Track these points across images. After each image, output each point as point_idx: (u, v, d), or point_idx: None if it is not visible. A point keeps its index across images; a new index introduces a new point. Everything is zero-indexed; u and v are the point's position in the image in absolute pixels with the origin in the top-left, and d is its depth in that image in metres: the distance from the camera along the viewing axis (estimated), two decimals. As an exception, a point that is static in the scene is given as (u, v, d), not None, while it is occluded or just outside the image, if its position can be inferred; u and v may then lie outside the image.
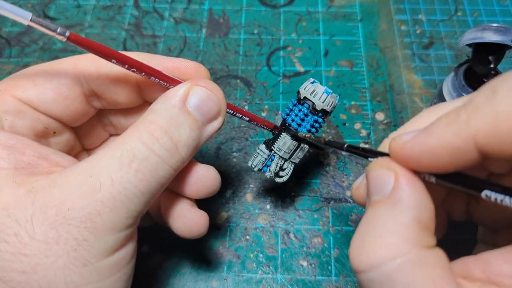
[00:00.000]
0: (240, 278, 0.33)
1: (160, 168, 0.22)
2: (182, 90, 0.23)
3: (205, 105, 0.23)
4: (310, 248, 0.35)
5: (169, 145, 0.22)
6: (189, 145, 0.23)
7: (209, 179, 0.27)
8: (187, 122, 0.23)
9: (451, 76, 0.36)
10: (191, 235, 0.26)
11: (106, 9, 0.50)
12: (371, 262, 0.17)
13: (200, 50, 0.46)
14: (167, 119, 0.22)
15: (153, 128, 0.22)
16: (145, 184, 0.21)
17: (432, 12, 0.50)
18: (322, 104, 0.29)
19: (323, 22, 0.49)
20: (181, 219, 0.26)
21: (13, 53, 0.46)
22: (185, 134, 0.22)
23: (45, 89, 0.24)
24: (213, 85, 0.24)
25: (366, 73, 0.45)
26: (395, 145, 0.19)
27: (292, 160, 0.31)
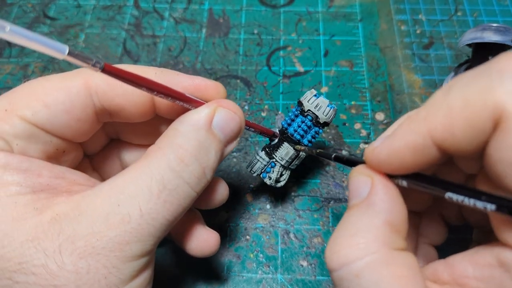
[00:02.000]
0: (240, 278, 0.33)
1: (188, 196, 0.22)
2: (208, 111, 0.23)
3: (229, 126, 0.24)
4: (310, 248, 0.35)
5: (199, 171, 0.22)
6: (214, 168, 0.23)
7: (220, 190, 0.27)
8: (214, 145, 0.23)
9: (451, 76, 0.36)
10: (202, 255, 0.27)
11: (106, 9, 0.50)
12: (342, 260, 0.18)
13: (200, 50, 0.46)
14: (195, 143, 0.22)
15: (182, 154, 0.21)
16: (172, 213, 0.21)
17: (432, 12, 0.50)
18: (325, 117, 0.31)
19: (323, 22, 0.49)
20: (193, 239, 0.27)
21: (13, 53, 0.46)
22: (212, 158, 0.23)
23: (57, 111, 0.22)
24: (235, 106, 0.24)
25: (366, 73, 0.45)
26: (367, 151, 0.20)
27: (290, 167, 0.33)
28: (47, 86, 0.22)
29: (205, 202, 0.28)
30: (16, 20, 0.48)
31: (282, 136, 0.32)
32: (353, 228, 0.19)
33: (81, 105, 0.23)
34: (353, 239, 0.18)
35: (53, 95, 0.22)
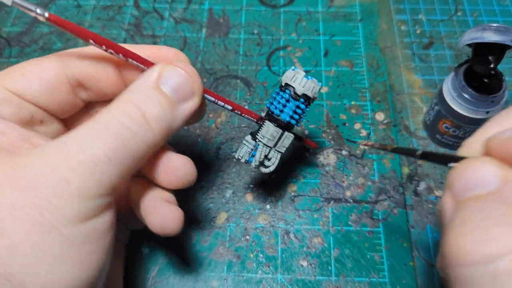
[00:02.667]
0: (240, 278, 0.33)
1: (130, 139, 0.22)
2: (156, 70, 0.24)
3: (177, 83, 0.24)
4: (310, 248, 0.35)
5: (140, 119, 0.22)
6: (161, 120, 0.23)
7: (182, 169, 0.26)
8: (159, 99, 0.23)
9: (451, 76, 0.36)
10: (163, 232, 0.26)
11: (106, 9, 0.50)
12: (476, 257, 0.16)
13: (200, 50, 0.46)
14: (139, 96, 0.23)
15: (125, 105, 0.22)
16: (115, 153, 0.21)
17: (432, 12, 0.50)
18: (303, 88, 0.29)
19: (323, 22, 0.49)
20: (154, 213, 0.26)
21: (13, 53, 0.46)
22: (156, 110, 0.23)
23: (31, 79, 0.25)
24: (187, 66, 0.25)
25: (366, 73, 0.45)
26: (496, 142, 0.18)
27: (278, 149, 0.30)
28: (26, 62, 0.26)
29: (167, 179, 0.27)
30: (16, 20, 0.48)
31: (265, 117, 0.31)
32: (485, 221, 0.16)
33: (54, 73, 0.25)
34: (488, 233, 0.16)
35: (29, 67, 0.25)
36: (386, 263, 0.34)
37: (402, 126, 0.41)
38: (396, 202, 0.37)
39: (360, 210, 0.36)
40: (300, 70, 0.30)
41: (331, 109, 0.42)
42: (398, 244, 0.35)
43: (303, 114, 0.30)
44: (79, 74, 0.26)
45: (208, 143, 0.40)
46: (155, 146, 0.24)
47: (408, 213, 0.36)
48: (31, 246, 0.19)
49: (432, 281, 0.33)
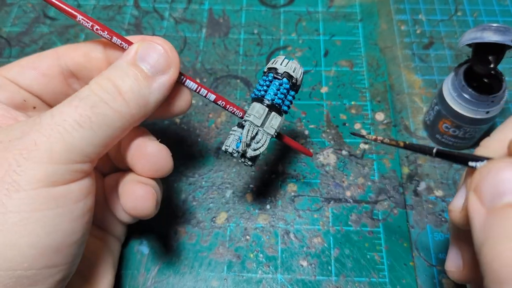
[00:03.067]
0: (240, 278, 0.33)
1: (103, 109, 0.23)
2: (133, 47, 0.25)
3: (151, 56, 0.25)
4: (310, 248, 0.35)
5: (111, 89, 0.23)
6: (135, 94, 0.24)
7: (156, 156, 0.27)
8: (133, 72, 0.24)
9: (451, 76, 0.36)
10: (136, 212, 0.26)
11: (106, 9, 0.50)
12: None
13: (200, 50, 0.46)
14: (116, 73, 0.24)
15: (102, 80, 0.24)
16: (86, 120, 0.22)
17: (432, 12, 0.50)
18: (284, 67, 0.28)
19: (323, 22, 0.49)
20: (127, 194, 0.26)
21: (13, 53, 0.46)
22: (129, 82, 0.24)
23: (26, 68, 0.27)
24: (162, 40, 0.25)
25: (366, 73, 0.45)
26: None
27: (266, 129, 0.28)
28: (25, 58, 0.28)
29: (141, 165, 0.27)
30: (16, 20, 0.48)
31: None
32: None
33: (48, 63, 0.27)
34: None
35: (27, 59, 0.28)
36: (386, 263, 0.34)
37: (402, 126, 0.41)
38: (396, 202, 0.37)
39: (360, 210, 0.36)
40: (282, 55, 0.29)
41: (331, 109, 0.42)
42: (398, 244, 0.35)
43: (289, 95, 0.29)
44: (72, 65, 0.28)
45: (208, 143, 0.40)
46: (132, 118, 0.24)
47: (408, 213, 0.36)
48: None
49: (432, 281, 0.33)
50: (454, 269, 0.22)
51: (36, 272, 0.21)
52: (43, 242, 0.21)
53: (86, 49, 0.28)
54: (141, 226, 0.35)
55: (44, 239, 0.21)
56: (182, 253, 0.35)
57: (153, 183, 0.27)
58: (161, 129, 0.41)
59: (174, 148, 0.40)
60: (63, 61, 0.27)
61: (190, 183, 0.38)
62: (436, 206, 0.37)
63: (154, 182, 0.28)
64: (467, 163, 0.19)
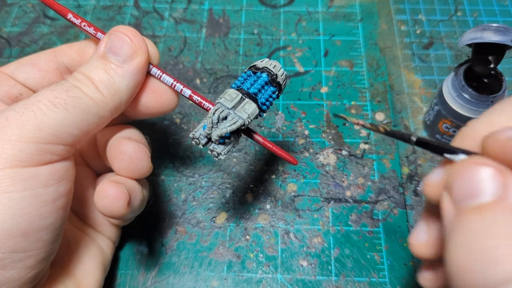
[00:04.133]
0: (240, 278, 0.33)
1: (75, 91, 0.24)
2: (102, 41, 0.26)
3: (116, 45, 0.25)
4: (310, 248, 0.35)
5: (84, 79, 0.24)
6: (105, 81, 0.25)
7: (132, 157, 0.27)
8: (101, 64, 0.25)
9: (451, 76, 0.36)
10: (106, 211, 0.26)
11: (106, 9, 0.50)
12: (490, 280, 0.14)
13: (200, 50, 0.46)
14: (88, 67, 0.25)
15: (77, 74, 0.25)
16: (59, 100, 0.23)
17: (432, 12, 0.50)
18: (263, 63, 0.28)
19: (323, 22, 0.49)
20: (98, 192, 0.26)
21: (13, 53, 0.46)
22: (99, 74, 0.25)
23: (24, 64, 0.28)
24: (127, 28, 0.26)
25: (366, 73, 0.45)
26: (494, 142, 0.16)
27: (238, 112, 0.25)
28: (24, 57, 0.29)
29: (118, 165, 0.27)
30: (16, 20, 0.49)
31: None
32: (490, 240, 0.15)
33: (45, 60, 0.29)
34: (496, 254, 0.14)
35: (26, 57, 0.29)
36: (386, 263, 0.34)
37: (402, 126, 0.41)
38: (396, 202, 0.37)
39: (360, 210, 0.36)
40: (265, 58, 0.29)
41: (331, 109, 0.42)
42: (398, 244, 0.35)
43: (268, 90, 0.27)
44: (67, 61, 0.29)
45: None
46: (107, 106, 0.25)
47: (408, 213, 0.36)
48: None
49: (432, 281, 0.33)
50: (417, 242, 0.22)
51: (3, 256, 0.21)
52: (8, 224, 0.20)
53: (81, 46, 0.29)
54: (141, 226, 0.35)
55: (9, 221, 0.21)
56: (182, 253, 0.35)
57: (131, 184, 0.27)
58: (161, 129, 0.41)
59: (174, 148, 0.40)
60: (59, 57, 0.29)
61: (190, 183, 0.38)
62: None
63: (133, 182, 0.27)
64: (443, 154, 0.19)
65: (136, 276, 0.34)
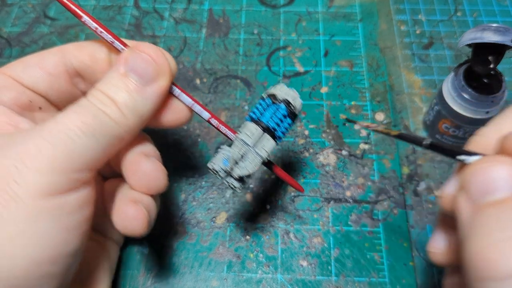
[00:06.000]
0: (240, 278, 0.33)
1: (104, 118, 0.23)
2: (123, 56, 0.25)
3: (139, 66, 0.24)
4: (310, 248, 0.35)
5: (108, 101, 0.23)
6: (128, 106, 0.24)
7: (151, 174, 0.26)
8: (124, 85, 0.24)
9: (451, 76, 0.36)
10: (125, 231, 0.26)
11: (106, 9, 0.50)
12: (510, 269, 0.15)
13: (200, 50, 0.46)
14: (109, 85, 0.24)
15: (98, 93, 0.24)
16: (88, 128, 0.22)
17: (432, 12, 0.50)
18: (284, 94, 0.27)
19: (323, 22, 0.49)
20: (117, 212, 0.26)
21: (14, 53, 0.46)
22: (122, 96, 0.24)
23: (31, 66, 0.27)
24: (152, 48, 0.25)
25: (366, 73, 0.45)
26: None
27: (258, 150, 0.26)
28: (32, 54, 0.27)
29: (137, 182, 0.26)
30: (17, 21, 0.49)
31: None
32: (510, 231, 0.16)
33: (53, 62, 0.27)
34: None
35: (30, 57, 0.27)
36: (386, 263, 0.34)
37: (402, 126, 0.41)
38: (396, 202, 0.37)
39: (360, 210, 0.36)
40: (282, 83, 0.28)
41: (331, 109, 0.42)
42: (398, 244, 0.35)
43: (285, 122, 0.28)
44: (77, 64, 0.27)
45: (208, 143, 0.40)
46: (129, 129, 0.24)
47: (408, 213, 0.36)
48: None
49: (432, 281, 0.33)
50: (436, 250, 0.22)
51: (31, 282, 0.21)
52: (38, 253, 0.20)
53: (91, 49, 0.27)
54: (141, 226, 0.35)
55: (39, 250, 0.21)
56: (182, 253, 0.35)
57: (147, 200, 0.27)
58: (161, 129, 0.41)
59: (174, 148, 0.40)
60: (68, 59, 0.27)
61: (190, 183, 0.38)
62: (436, 206, 0.37)
63: (148, 198, 0.27)
64: (456, 157, 0.19)
65: (136, 276, 0.34)
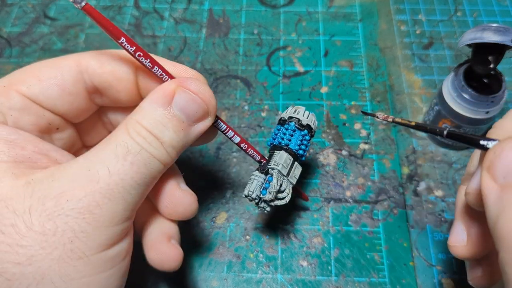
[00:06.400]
0: (240, 278, 0.33)
1: (151, 162, 0.22)
2: (168, 91, 0.23)
3: (190, 107, 0.23)
4: (310, 248, 0.35)
5: (156, 144, 0.22)
6: (174, 146, 0.23)
7: (184, 204, 0.26)
8: (171, 124, 0.23)
9: (451, 76, 0.36)
10: (161, 268, 0.26)
11: (106, 10, 0.50)
12: None
13: (200, 50, 0.46)
14: (152, 120, 0.22)
15: (139, 128, 0.22)
16: (140, 176, 0.22)
17: (432, 12, 0.50)
18: (307, 119, 0.30)
19: (323, 22, 0.49)
20: (154, 249, 0.26)
21: (14, 53, 0.46)
22: (169, 135, 0.23)
23: (49, 85, 0.24)
24: (200, 86, 0.24)
25: (366, 73, 0.45)
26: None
27: (290, 179, 0.29)
28: (42, 65, 0.25)
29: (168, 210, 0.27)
30: (17, 21, 0.49)
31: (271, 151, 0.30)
32: None
33: (72, 80, 0.25)
34: None
35: (46, 71, 0.24)
36: (386, 263, 0.34)
37: (402, 126, 0.41)
38: (396, 202, 0.37)
39: (360, 210, 0.36)
40: (300, 106, 0.30)
41: (331, 109, 0.42)
42: (398, 244, 0.35)
43: (308, 145, 0.30)
44: (99, 83, 0.25)
45: (208, 143, 0.40)
46: (169, 165, 0.24)
47: (408, 213, 0.36)
48: (59, 274, 0.19)
49: (432, 281, 0.33)
50: (457, 244, 0.22)
51: None
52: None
53: (114, 66, 0.25)
54: (141, 226, 0.35)
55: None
56: (182, 253, 0.35)
57: (174, 229, 0.27)
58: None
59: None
60: (88, 77, 0.25)
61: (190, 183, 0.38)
62: (436, 206, 0.37)
63: (176, 227, 0.28)
64: (479, 143, 0.19)
65: (136, 277, 0.34)
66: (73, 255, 0.20)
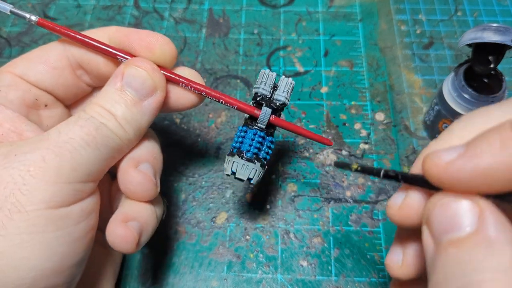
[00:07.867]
0: (240, 278, 0.33)
1: (102, 128, 0.23)
2: (120, 72, 0.25)
3: (136, 81, 0.25)
4: (310, 248, 0.35)
5: (108, 116, 0.24)
6: (128, 120, 0.25)
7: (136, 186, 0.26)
8: (123, 100, 0.25)
9: (451, 76, 0.36)
10: (115, 248, 0.25)
11: (106, 9, 0.50)
12: None
13: (200, 50, 0.46)
14: (107, 100, 0.25)
15: (94, 106, 0.24)
16: (91, 138, 0.22)
17: (432, 12, 0.50)
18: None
19: (323, 22, 0.49)
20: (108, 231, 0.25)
21: (13, 53, 0.46)
22: (121, 110, 0.24)
23: (35, 61, 0.27)
24: (143, 62, 0.26)
25: (366, 73, 0.45)
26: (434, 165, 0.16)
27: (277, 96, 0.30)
28: (34, 49, 0.27)
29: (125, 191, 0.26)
30: (16, 20, 0.48)
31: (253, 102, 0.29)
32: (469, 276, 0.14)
33: (57, 54, 0.27)
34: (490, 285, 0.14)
35: (34, 51, 0.27)
36: (386, 263, 0.34)
37: (402, 126, 0.41)
38: (396, 202, 0.37)
39: (360, 210, 0.36)
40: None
41: (331, 109, 0.42)
42: (398, 244, 0.35)
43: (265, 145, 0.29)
44: (79, 57, 0.27)
45: (208, 143, 0.40)
46: (128, 141, 0.25)
47: (408, 213, 0.36)
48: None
49: (432, 281, 0.33)
50: (393, 263, 0.22)
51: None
52: (43, 265, 0.21)
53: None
54: (141, 226, 0.35)
55: (44, 261, 0.21)
56: (182, 253, 0.35)
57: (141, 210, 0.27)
58: (161, 129, 0.41)
59: (174, 148, 0.40)
60: (70, 52, 0.27)
61: (190, 183, 0.38)
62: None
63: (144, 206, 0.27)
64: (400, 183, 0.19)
65: (136, 276, 0.34)
66: (12, 208, 0.20)
